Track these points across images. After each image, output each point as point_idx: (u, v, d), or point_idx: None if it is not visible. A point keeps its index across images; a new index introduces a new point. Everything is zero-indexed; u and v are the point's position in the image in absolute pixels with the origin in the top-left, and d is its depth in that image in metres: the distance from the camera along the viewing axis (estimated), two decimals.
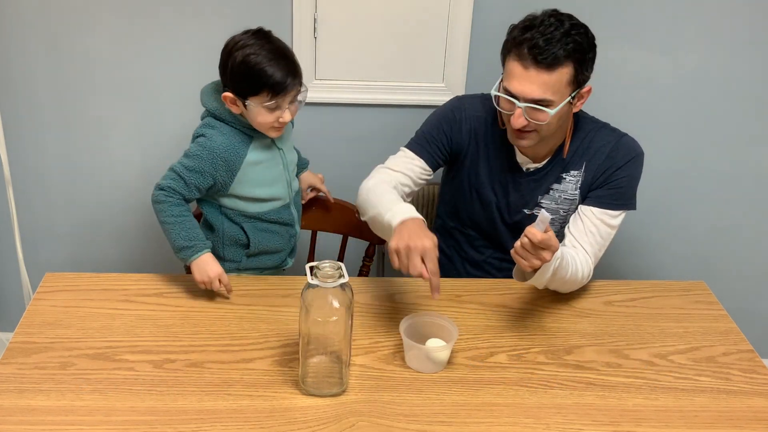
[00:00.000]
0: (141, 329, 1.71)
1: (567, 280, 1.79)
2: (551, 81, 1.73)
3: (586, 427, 1.50)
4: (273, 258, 2.01)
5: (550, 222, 1.91)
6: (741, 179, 2.53)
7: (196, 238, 1.80)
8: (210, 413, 1.48)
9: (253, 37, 1.77)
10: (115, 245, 2.58)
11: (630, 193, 1.93)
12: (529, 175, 1.96)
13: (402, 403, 1.53)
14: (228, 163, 1.83)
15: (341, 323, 1.50)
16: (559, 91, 1.74)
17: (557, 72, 1.72)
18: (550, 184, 1.95)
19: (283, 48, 1.79)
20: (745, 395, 1.60)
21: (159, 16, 2.29)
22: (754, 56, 2.37)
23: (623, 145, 1.92)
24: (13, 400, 1.49)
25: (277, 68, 1.74)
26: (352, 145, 2.49)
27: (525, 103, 1.75)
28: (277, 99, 1.76)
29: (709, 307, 1.89)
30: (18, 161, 2.43)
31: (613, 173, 1.90)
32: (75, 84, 2.37)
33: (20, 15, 2.28)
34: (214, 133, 1.83)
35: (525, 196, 1.97)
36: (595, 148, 1.91)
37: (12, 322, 1.87)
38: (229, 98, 1.79)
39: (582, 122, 1.94)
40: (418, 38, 2.34)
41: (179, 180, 1.82)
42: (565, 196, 1.95)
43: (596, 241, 1.88)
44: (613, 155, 1.90)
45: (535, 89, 1.73)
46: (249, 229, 1.93)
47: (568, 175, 1.94)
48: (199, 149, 1.82)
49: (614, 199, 1.90)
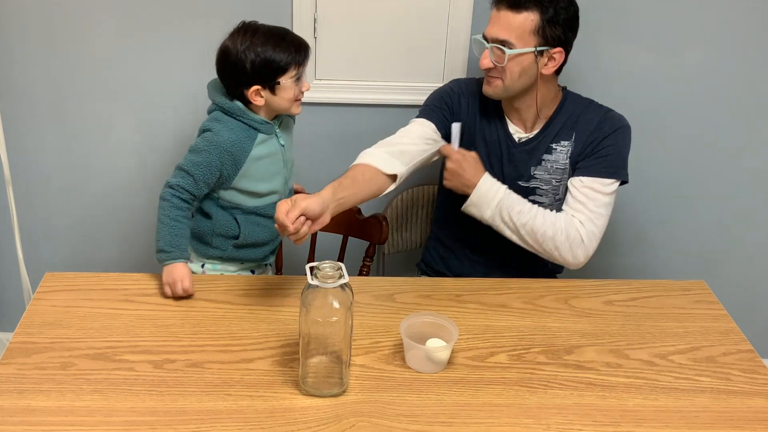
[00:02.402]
0: (141, 329, 1.71)
1: (531, 227, 1.90)
2: (515, 23, 1.86)
3: (586, 427, 1.49)
4: (257, 251, 2.03)
5: (546, 193, 2.03)
6: (741, 179, 2.53)
7: (179, 246, 1.84)
8: (210, 414, 1.48)
9: (249, 33, 1.86)
10: (115, 245, 2.58)
11: (618, 163, 1.98)
12: (521, 145, 2.03)
13: (402, 403, 1.53)
14: (234, 157, 1.87)
15: (341, 323, 1.50)
16: (521, 37, 1.86)
17: (522, 15, 1.85)
18: (541, 154, 2.02)
19: (278, 27, 1.91)
20: (745, 395, 1.60)
21: (158, 17, 2.29)
22: (755, 56, 2.37)
23: (610, 118, 2.00)
24: (13, 401, 1.49)
25: (291, 42, 1.88)
26: (352, 145, 2.48)
27: (490, 44, 1.89)
28: (299, 69, 1.89)
29: (709, 307, 1.89)
30: (18, 161, 2.42)
31: (600, 142, 1.97)
32: (75, 84, 2.37)
33: (20, 15, 2.28)
34: (221, 127, 1.87)
35: (519, 167, 2.03)
36: (584, 121, 2.00)
37: (12, 322, 1.87)
38: (253, 92, 1.86)
39: (571, 97, 2.04)
40: (418, 38, 2.34)
41: (188, 176, 1.86)
42: (557, 166, 2.01)
43: (588, 209, 1.93)
44: (601, 126, 1.99)
45: (499, 29, 1.88)
46: (242, 221, 1.96)
47: (558, 146, 2.01)
48: (205, 144, 1.86)
49: (603, 167, 1.96)
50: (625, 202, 2.50)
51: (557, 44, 1.89)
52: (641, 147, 2.47)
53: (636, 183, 2.50)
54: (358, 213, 2.23)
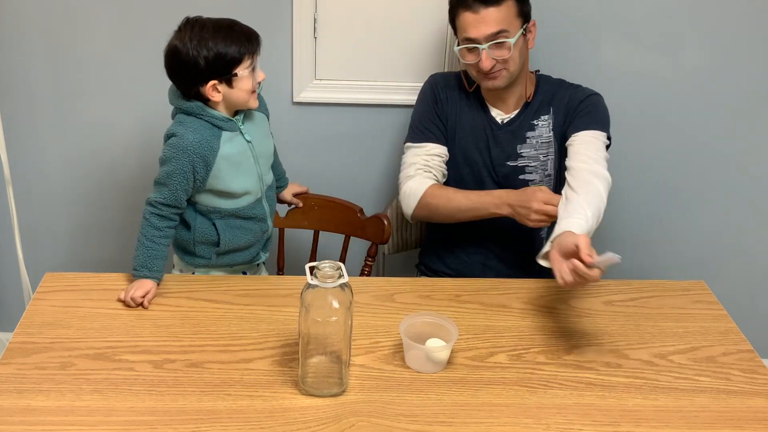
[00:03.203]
0: (141, 329, 1.71)
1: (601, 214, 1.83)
2: (502, 14, 1.92)
3: (586, 427, 1.49)
4: (244, 254, 2.02)
5: (535, 170, 2.08)
6: (741, 179, 2.53)
7: (153, 268, 1.83)
8: (210, 413, 1.48)
9: (197, 28, 1.81)
10: (115, 245, 2.58)
11: (601, 118, 2.02)
12: (504, 126, 2.08)
13: (402, 403, 1.53)
14: (203, 158, 1.84)
15: (341, 323, 1.50)
16: (511, 23, 1.94)
17: (504, 5, 1.92)
18: (525, 132, 2.07)
19: (225, 19, 1.86)
20: (745, 395, 1.59)
21: (158, 17, 2.28)
22: (754, 56, 2.37)
23: (583, 89, 2.09)
24: (13, 401, 1.49)
25: (241, 32, 1.83)
26: (352, 145, 2.49)
27: (487, 43, 1.92)
28: (254, 58, 1.84)
29: (709, 307, 1.89)
30: (18, 161, 2.42)
31: (578, 105, 2.04)
32: (75, 84, 2.37)
33: (20, 16, 2.28)
34: (185, 130, 1.83)
35: (506, 148, 2.08)
36: (559, 96, 2.08)
37: (12, 322, 1.87)
38: (210, 87, 1.82)
39: (544, 79, 2.12)
40: (418, 38, 2.34)
41: (163, 188, 1.84)
42: (542, 141, 2.07)
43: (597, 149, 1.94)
44: (575, 95, 2.06)
45: (491, 25, 1.92)
46: (221, 226, 1.94)
47: (539, 121, 2.07)
48: (173, 151, 1.83)
49: (591, 120, 2.00)
50: (625, 202, 2.50)
51: (529, 17, 2.00)
52: (641, 147, 2.48)
53: (636, 183, 2.51)
54: (360, 213, 2.23)
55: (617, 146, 2.07)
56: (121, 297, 1.80)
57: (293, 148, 2.36)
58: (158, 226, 1.85)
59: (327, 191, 2.28)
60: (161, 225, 1.86)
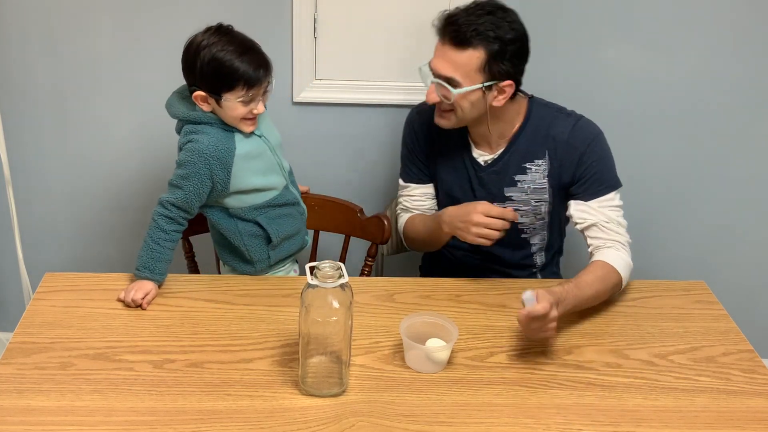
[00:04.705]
0: (141, 329, 1.71)
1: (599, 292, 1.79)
2: (460, 61, 1.78)
3: (586, 427, 1.49)
4: (294, 242, 2.02)
5: (526, 214, 1.97)
6: (740, 179, 2.53)
7: (155, 270, 1.82)
8: (210, 413, 1.48)
9: (216, 34, 1.79)
10: (115, 245, 2.58)
11: (608, 175, 1.91)
12: (487, 167, 1.97)
13: (402, 403, 1.53)
14: (221, 161, 1.82)
15: (341, 323, 1.50)
16: (467, 74, 1.78)
17: (466, 53, 1.77)
18: (513, 174, 1.95)
19: (249, 41, 1.82)
20: (745, 395, 1.60)
21: (158, 17, 2.29)
22: (753, 56, 2.37)
23: (580, 129, 1.90)
24: (13, 401, 1.49)
25: (249, 62, 1.78)
26: (352, 145, 2.49)
27: (435, 79, 1.82)
28: (251, 92, 1.79)
29: (709, 307, 1.89)
30: (18, 161, 2.42)
31: (580, 164, 1.89)
32: (75, 84, 2.37)
33: (20, 15, 2.28)
34: (200, 137, 1.82)
35: (491, 190, 1.97)
36: (553, 135, 1.90)
37: (12, 322, 1.87)
38: (200, 97, 1.80)
39: (536, 109, 1.94)
40: (418, 38, 2.34)
41: (177, 190, 1.83)
42: (534, 186, 1.95)
43: (615, 225, 1.90)
44: (572, 142, 1.89)
45: (445, 65, 1.80)
46: (264, 221, 1.92)
47: (533, 165, 1.93)
48: (189, 155, 1.82)
49: (599, 186, 1.90)
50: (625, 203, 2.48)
51: (506, 77, 1.80)
52: (641, 147, 2.48)
53: (636, 183, 2.50)
54: (360, 213, 2.23)
55: (617, 146, 2.07)
56: (121, 297, 1.80)
57: (293, 148, 2.36)
58: (165, 229, 1.84)
59: (327, 191, 2.28)
60: (168, 228, 1.84)
